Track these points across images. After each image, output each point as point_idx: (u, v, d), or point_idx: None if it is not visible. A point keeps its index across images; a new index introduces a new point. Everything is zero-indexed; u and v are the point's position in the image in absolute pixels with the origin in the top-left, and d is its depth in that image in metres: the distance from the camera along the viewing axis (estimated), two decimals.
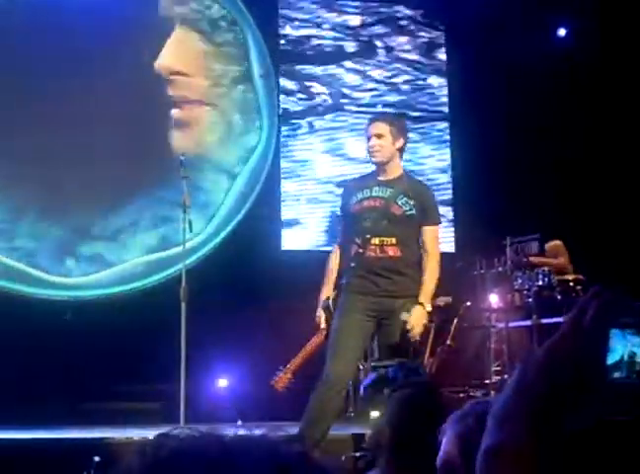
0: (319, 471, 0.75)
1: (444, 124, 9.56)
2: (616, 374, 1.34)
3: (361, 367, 6.78)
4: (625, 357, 1.34)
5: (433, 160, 9.46)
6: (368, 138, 5.30)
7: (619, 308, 1.06)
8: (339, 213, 5.53)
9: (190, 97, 8.60)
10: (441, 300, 7.88)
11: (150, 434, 5.58)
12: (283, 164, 8.95)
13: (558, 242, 8.27)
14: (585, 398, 0.99)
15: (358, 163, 8.41)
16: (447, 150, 9.54)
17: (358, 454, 5.42)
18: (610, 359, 1.21)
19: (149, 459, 0.77)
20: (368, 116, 6.66)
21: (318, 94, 9.18)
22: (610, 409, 1.03)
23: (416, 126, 9.15)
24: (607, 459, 1.07)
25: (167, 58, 8.45)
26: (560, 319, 7.72)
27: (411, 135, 6.27)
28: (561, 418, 0.98)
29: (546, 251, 8.24)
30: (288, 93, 9.09)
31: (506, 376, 7.42)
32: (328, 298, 5.32)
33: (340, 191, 5.95)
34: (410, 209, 5.22)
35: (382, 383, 4.30)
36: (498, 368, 7.69)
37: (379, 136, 5.25)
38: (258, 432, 0.79)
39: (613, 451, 1.09)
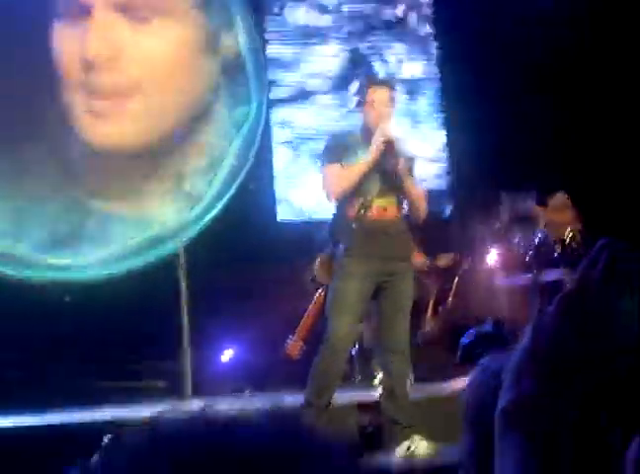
0: (328, 451, 0.74)
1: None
2: None
3: (364, 332, 6.79)
4: None
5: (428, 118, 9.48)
6: (375, 104, 5.18)
7: (629, 258, 1.05)
8: (329, 163, 5.25)
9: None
10: (443, 259, 7.90)
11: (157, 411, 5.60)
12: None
13: (562, 195, 8.14)
14: (600, 352, 0.98)
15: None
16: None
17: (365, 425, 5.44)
18: None
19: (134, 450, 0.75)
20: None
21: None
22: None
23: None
24: (624, 414, 1.06)
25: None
26: (559, 274, 7.73)
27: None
28: (576, 373, 0.97)
29: (549, 205, 8.15)
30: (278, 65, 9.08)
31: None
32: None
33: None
34: (405, 175, 5.21)
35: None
36: None
37: (389, 105, 5.21)
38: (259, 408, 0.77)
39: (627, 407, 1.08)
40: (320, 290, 5.49)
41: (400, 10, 9.41)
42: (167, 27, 8.04)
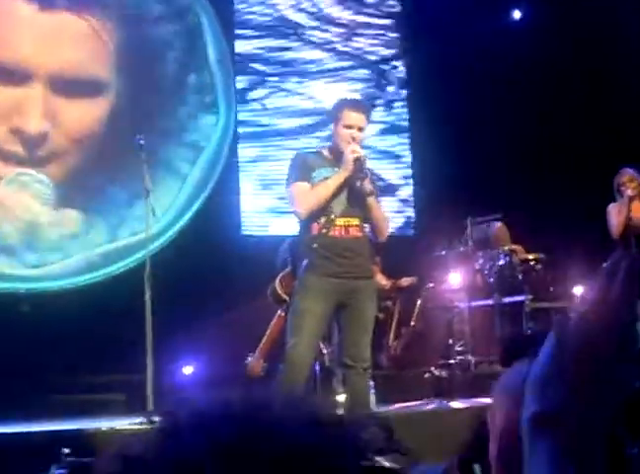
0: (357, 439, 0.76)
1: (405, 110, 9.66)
2: None
3: (324, 351, 6.79)
4: None
5: (394, 139, 9.55)
6: (349, 127, 5.23)
7: None
8: (297, 181, 5.23)
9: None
10: (405, 281, 7.94)
11: (117, 424, 5.56)
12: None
13: (499, 224, 8.28)
14: (623, 362, 1.00)
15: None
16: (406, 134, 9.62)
17: None
18: None
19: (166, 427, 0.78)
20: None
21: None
22: None
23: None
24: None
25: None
26: (521, 298, 7.79)
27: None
28: (601, 383, 0.99)
29: (493, 236, 8.23)
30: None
31: (470, 356, 7.48)
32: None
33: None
34: (370, 194, 5.22)
35: None
36: (461, 348, 7.73)
37: (361, 129, 5.23)
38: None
39: None
40: (281, 310, 5.48)
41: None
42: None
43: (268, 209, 8.93)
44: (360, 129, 5.19)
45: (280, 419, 0.74)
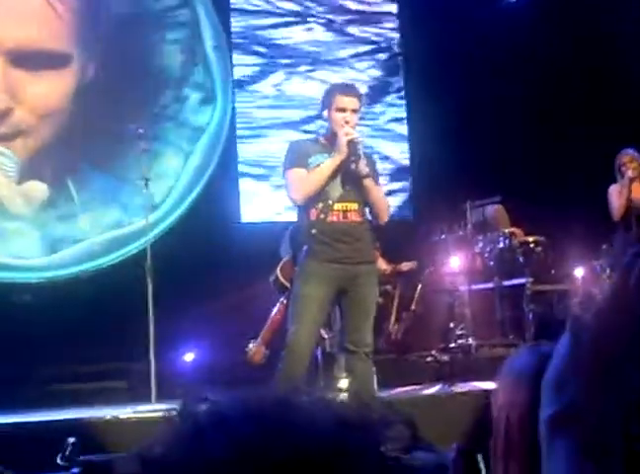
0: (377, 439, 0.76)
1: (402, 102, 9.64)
2: None
3: (326, 337, 6.79)
4: None
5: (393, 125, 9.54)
6: (342, 110, 5.22)
7: None
8: (293, 167, 5.22)
9: None
10: (405, 265, 7.95)
11: (121, 412, 5.58)
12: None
13: (497, 207, 8.28)
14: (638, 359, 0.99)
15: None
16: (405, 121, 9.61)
17: None
18: None
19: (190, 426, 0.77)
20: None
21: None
22: None
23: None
24: None
25: None
26: (522, 281, 7.81)
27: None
28: (619, 381, 0.98)
29: (492, 219, 8.24)
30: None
31: (470, 340, 7.49)
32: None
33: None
34: (366, 176, 5.22)
35: None
36: (462, 332, 7.74)
37: (355, 111, 5.23)
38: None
39: None
40: (283, 298, 5.48)
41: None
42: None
43: (268, 196, 8.91)
44: (354, 111, 5.19)
45: (304, 418, 0.74)
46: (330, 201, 5.11)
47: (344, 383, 5.50)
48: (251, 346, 5.48)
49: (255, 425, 0.73)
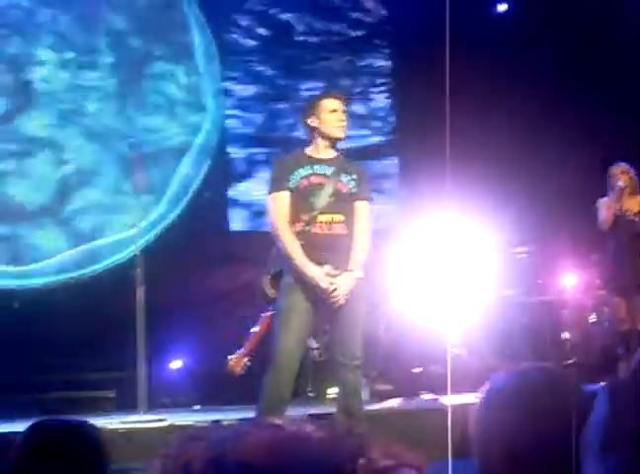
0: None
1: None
2: None
3: (314, 347, 6.78)
4: None
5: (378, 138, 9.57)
6: (333, 111, 5.15)
7: None
8: (275, 191, 5.16)
9: None
10: None
11: (109, 421, 5.54)
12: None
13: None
14: None
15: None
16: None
17: None
18: None
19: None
20: None
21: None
22: None
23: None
24: None
25: None
26: (510, 291, 7.80)
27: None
28: None
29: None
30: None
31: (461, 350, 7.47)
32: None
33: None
34: (353, 187, 5.18)
35: None
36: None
37: (344, 112, 5.21)
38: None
39: None
40: (269, 308, 5.44)
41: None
42: None
43: (256, 205, 8.89)
44: (344, 113, 5.18)
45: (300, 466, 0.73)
46: (314, 213, 5.07)
47: (332, 395, 5.49)
48: (232, 356, 5.44)
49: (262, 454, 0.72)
